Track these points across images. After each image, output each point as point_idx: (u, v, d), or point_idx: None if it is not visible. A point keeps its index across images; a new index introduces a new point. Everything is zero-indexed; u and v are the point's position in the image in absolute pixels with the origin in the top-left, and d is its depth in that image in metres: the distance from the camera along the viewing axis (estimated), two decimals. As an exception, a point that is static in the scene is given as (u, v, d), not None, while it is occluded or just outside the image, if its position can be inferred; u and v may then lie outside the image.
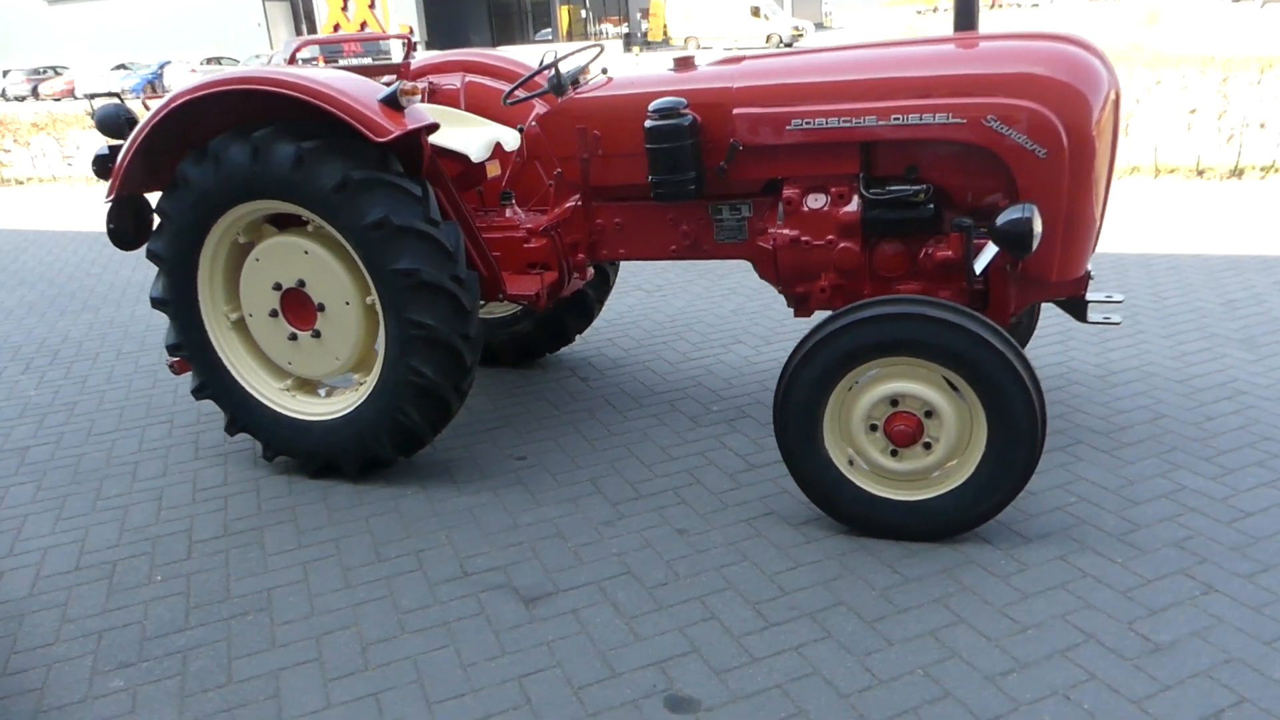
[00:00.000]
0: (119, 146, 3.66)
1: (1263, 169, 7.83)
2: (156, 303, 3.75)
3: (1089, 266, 3.33)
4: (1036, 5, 44.16)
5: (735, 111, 3.31)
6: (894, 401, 2.93)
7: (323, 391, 3.89)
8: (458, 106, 4.31)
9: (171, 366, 3.91)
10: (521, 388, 4.59)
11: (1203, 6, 27.65)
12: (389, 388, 3.49)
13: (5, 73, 39.53)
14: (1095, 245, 3.31)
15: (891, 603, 2.74)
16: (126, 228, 3.79)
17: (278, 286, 3.59)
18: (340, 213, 3.31)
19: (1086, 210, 3.09)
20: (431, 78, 4.46)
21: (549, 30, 40.96)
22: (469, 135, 3.90)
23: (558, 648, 2.65)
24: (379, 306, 3.42)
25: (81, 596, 3.06)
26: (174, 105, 3.42)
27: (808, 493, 3.11)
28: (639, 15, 42.12)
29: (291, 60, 4.05)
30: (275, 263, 3.57)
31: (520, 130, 3.96)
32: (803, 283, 3.44)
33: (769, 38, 37.52)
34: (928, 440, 2.94)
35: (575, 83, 3.80)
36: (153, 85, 34.45)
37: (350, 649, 2.71)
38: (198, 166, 3.45)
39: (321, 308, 3.56)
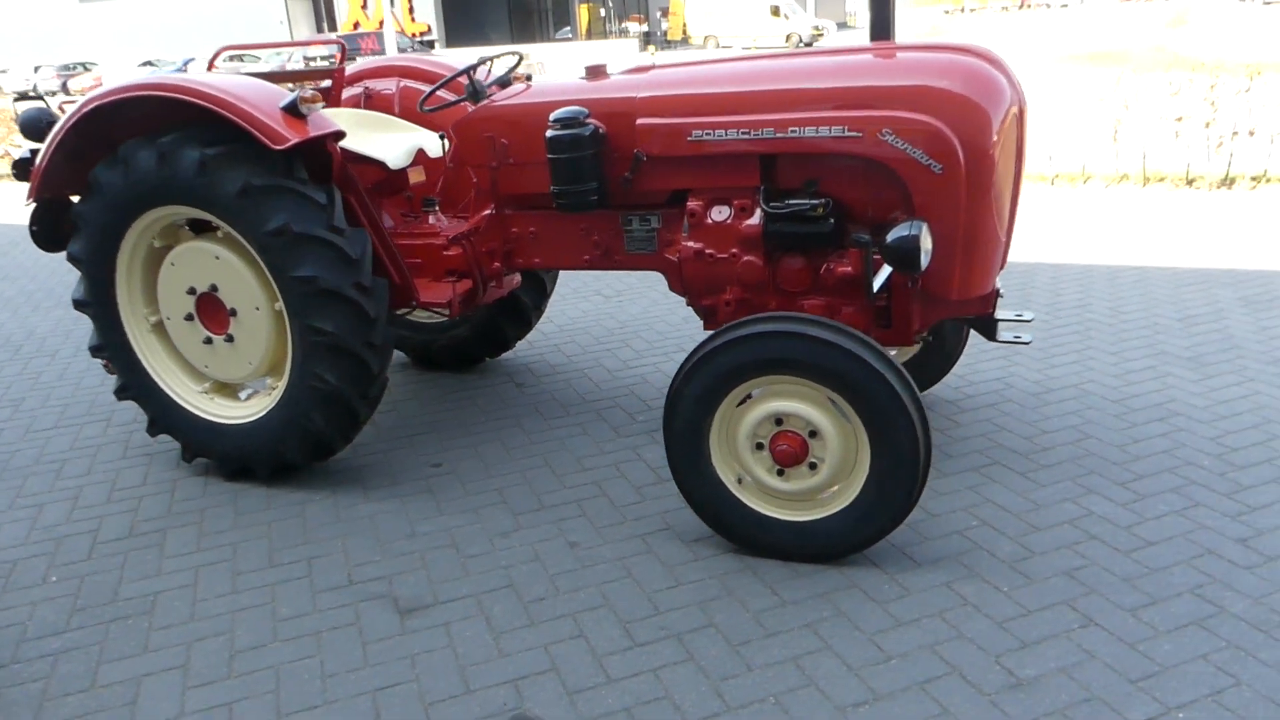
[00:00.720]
0: (39, 150, 3.69)
1: (1254, 179, 7.66)
2: (78, 304, 3.78)
3: (997, 284, 3.26)
4: (1066, 5, 43.58)
5: (638, 122, 3.27)
6: (779, 420, 2.89)
7: (244, 395, 3.90)
8: (392, 112, 4.30)
9: (105, 366, 3.94)
10: (455, 392, 4.58)
11: (1232, 9, 27.12)
12: (296, 394, 3.49)
13: (36, 68, 40.14)
14: (1003, 263, 3.24)
15: (762, 626, 2.70)
16: (48, 230, 3.81)
17: (192, 291, 3.60)
18: (243, 219, 3.32)
19: (987, 227, 3.03)
20: (368, 83, 4.46)
21: (568, 29, 40.99)
22: (390, 141, 3.90)
23: (420, 661, 2.64)
24: (285, 312, 3.43)
25: (-26, 596, 3.08)
26: (85, 110, 3.45)
27: (697, 510, 3.07)
28: (659, 14, 42.04)
29: (210, 66, 4.06)
30: (189, 267, 3.59)
31: (442, 137, 3.94)
32: (708, 295, 3.39)
33: (789, 37, 37.29)
34: (813, 460, 2.89)
35: (506, 85, 3.79)
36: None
37: (218, 656, 2.71)
38: (109, 171, 3.46)
39: (234, 312, 3.57)
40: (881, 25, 3.29)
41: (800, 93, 3.10)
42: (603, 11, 41.25)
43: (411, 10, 36.37)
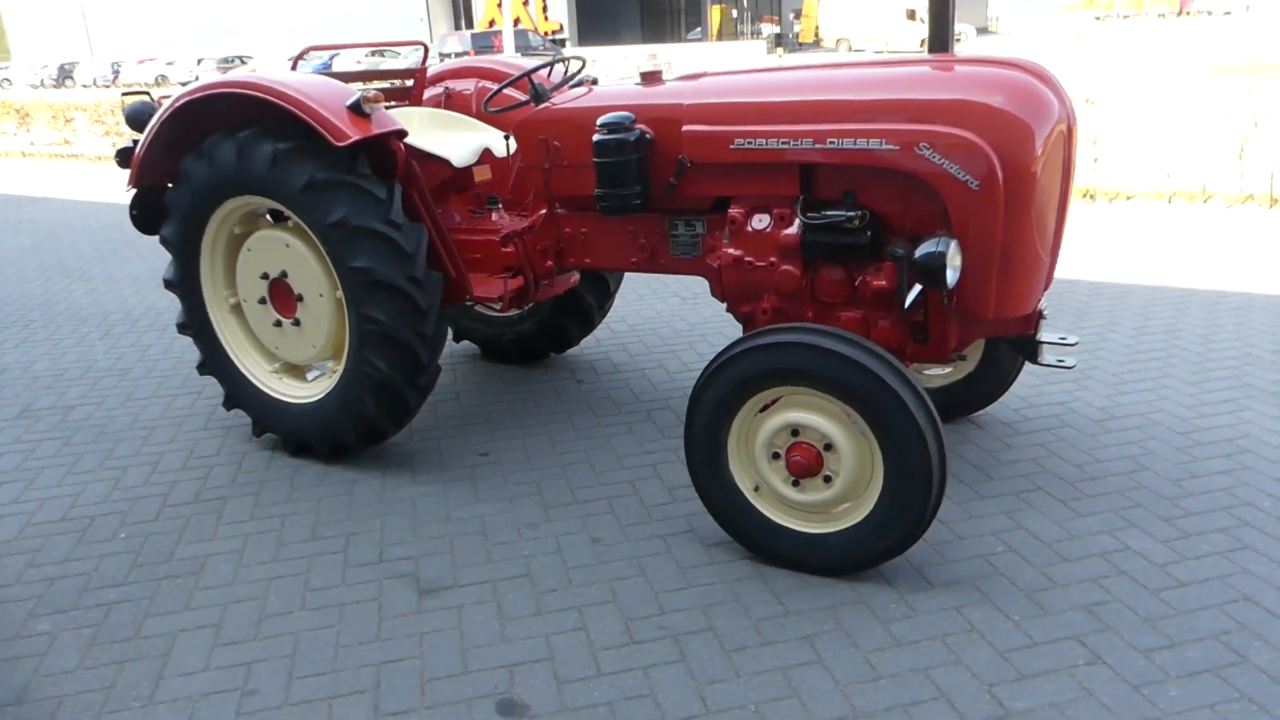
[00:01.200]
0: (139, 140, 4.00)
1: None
2: (168, 284, 4.09)
3: (1042, 305, 3.16)
4: (1229, 14, 41.04)
5: (684, 128, 3.32)
6: (795, 431, 2.89)
7: (311, 376, 4.13)
8: (469, 112, 4.47)
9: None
10: (517, 385, 4.72)
11: None
12: (350, 378, 3.69)
13: (200, 60, 43.02)
14: (1047, 283, 3.14)
15: (760, 634, 2.71)
16: (146, 214, 4.13)
17: (265, 276, 3.85)
18: (309, 210, 3.53)
19: (1026, 247, 2.94)
20: (449, 83, 4.65)
21: (700, 30, 41.06)
22: (458, 140, 4.06)
23: (428, 639, 2.77)
24: (344, 300, 3.63)
25: (53, 545, 3.39)
26: (178, 105, 3.73)
27: (714, 515, 3.10)
28: (792, 16, 41.64)
29: (295, 65, 4.30)
30: (263, 254, 3.83)
31: (507, 137, 4.07)
32: (747, 303, 3.41)
33: (923, 41, 36.32)
34: (828, 474, 2.88)
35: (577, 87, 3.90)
36: (324, 73, 36.57)
37: (249, 619, 2.91)
38: (196, 162, 3.74)
39: (300, 298, 3.79)
40: (940, 39, 3.22)
41: (840, 104, 3.08)
42: (735, 12, 41.15)
43: (545, 9, 37.22)
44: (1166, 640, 2.60)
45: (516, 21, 36.50)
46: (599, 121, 3.35)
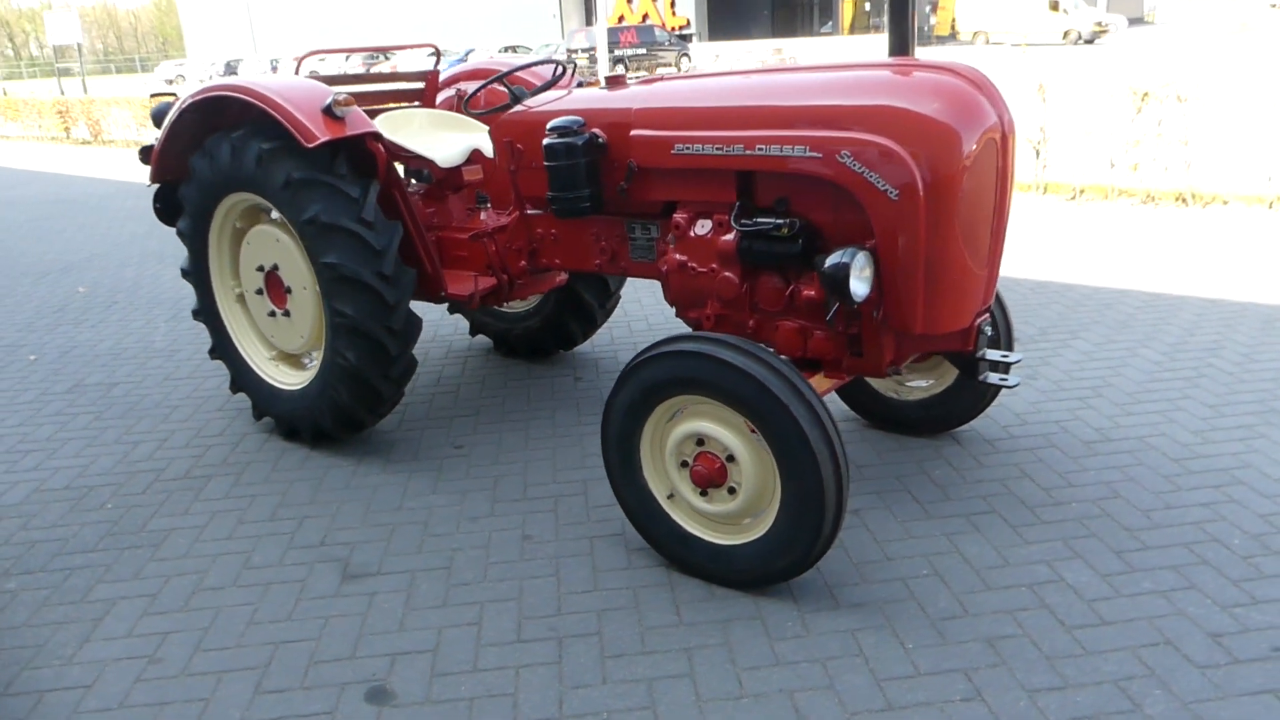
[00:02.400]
0: (165, 139, 4.29)
1: None
2: (183, 273, 4.37)
3: (979, 322, 3.01)
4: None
5: (631, 133, 3.32)
6: (700, 441, 2.86)
7: (309, 364, 4.34)
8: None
9: None
10: (518, 379, 4.82)
11: None
12: (326, 369, 3.86)
13: (346, 58, 45.18)
14: (986, 298, 2.99)
15: (643, 643, 2.70)
16: (168, 207, 4.43)
17: (260, 268, 4.07)
18: (288, 207, 3.71)
19: (952, 259, 2.81)
20: (462, 84, 4.77)
21: (830, 24, 40.24)
22: (448, 141, 4.17)
23: (332, 623, 2.88)
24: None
25: (48, 511, 3.70)
26: (184, 106, 3.98)
27: (630, 520, 3.10)
28: (928, 9, 40.26)
29: (297, 68, 4.49)
30: (260, 247, 4.05)
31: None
32: (692, 309, 3.38)
33: (1066, 34, 34.46)
34: (732, 485, 2.84)
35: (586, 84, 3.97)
36: (460, 70, 37.79)
37: (183, 591, 3.09)
38: (200, 160, 3.98)
39: (289, 290, 3.99)
40: (901, 43, 3.08)
41: (768, 110, 3.01)
42: (868, 5, 40.14)
43: (673, 4, 37.31)
44: (1060, 681, 2.44)
45: (645, 17, 36.79)
46: (548, 125, 3.39)
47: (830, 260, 2.72)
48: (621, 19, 36.64)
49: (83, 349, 5.78)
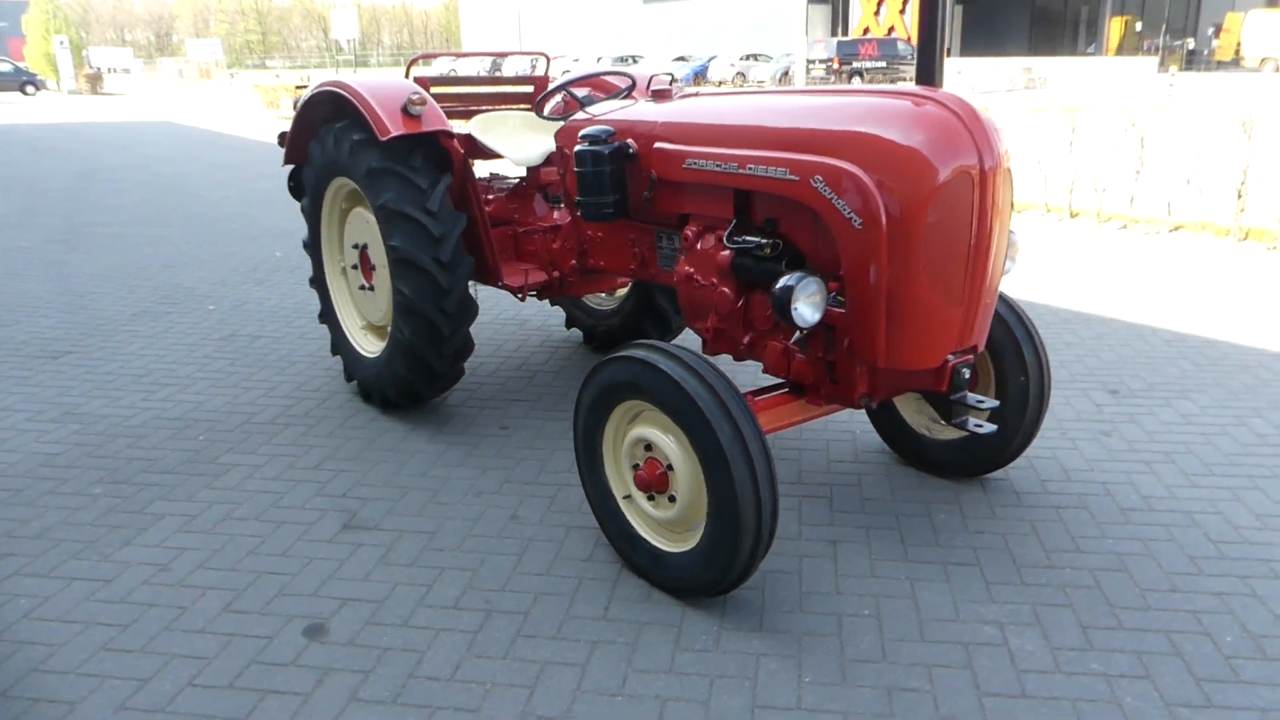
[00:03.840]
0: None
1: None
2: (305, 245, 4.93)
3: (955, 363, 2.88)
4: None
5: (654, 145, 3.43)
6: (648, 446, 2.94)
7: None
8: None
9: None
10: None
11: None
12: (390, 342, 4.25)
13: (598, 59, 47.21)
14: (966, 339, 2.86)
15: (559, 630, 2.82)
16: (299, 186, 4.99)
17: (356, 246, 4.53)
18: (369, 192, 4.12)
19: (916, 295, 2.72)
20: (572, 89, 5.03)
21: (1095, 44, 37.32)
22: (530, 143, 4.46)
23: (314, 563, 3.21)
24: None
25: (154, 436, 4.31)
26: (306, 99, 4.50)
27: (593, 511, 3.22)
28: (1210, 31, 36.34)
29: (407, 73, 4.89)
30: (357, 227, 4.51)
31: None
32: (697, 320, 3.45)
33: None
34: (673, 493, 2.90)
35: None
36: (699, 76, 38.63)
37: (216, 516, 3.55)
38: (315, 146, 4.49)
39: (374, 268, 4.42)
40: (926, 73, 2.98)
41: (757, 130, 3.04)
42: (1139, 26, 36.87)
43: (922, 17, 36.05)
44: (937, 742, 2.34)
45: (890, 30, 35.85)
46: (580, 134, 3.57)
47: (780, 283, 2.73)
48: (867, 31, 35.94)
49: (252, 305, 6.59)
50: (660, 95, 3.74)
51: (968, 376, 2.93)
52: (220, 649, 2.76)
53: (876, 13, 36.53)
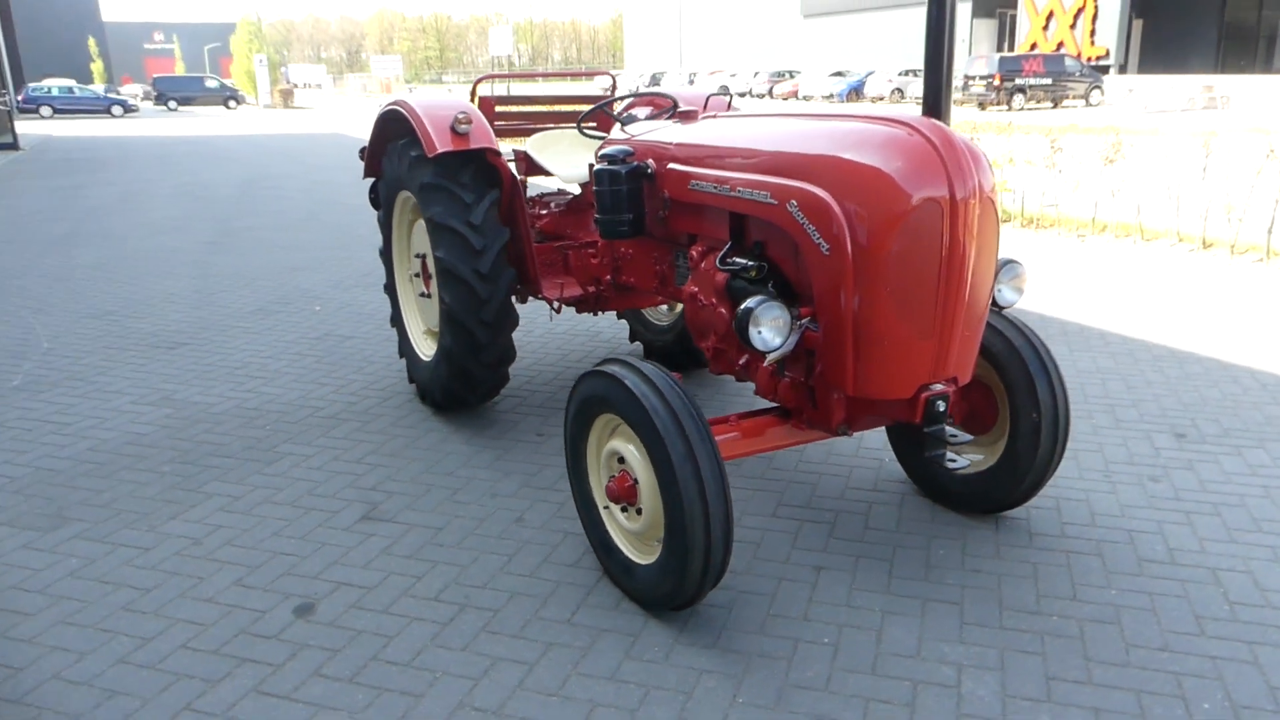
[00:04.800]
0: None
1: None
2: (380, 253, 5.26)
3: (929, 395, 2.81)
4: None
5: (668, 166, 3.52)
6: (621, 459, 3.02)
7: (451, 342, 5.01)
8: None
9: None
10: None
11: None
12: (438, 347, 4.50)
13: (755, 74, 47.28)
14: (935, 372, 2.79)
15: (521, 630, 2.93)
16: (377, 198, 5.34)
17: (418, 255, 4.82)
18: (422, 206, 4.38)
19: (882, 324, 2.70)
20: (634, 110, 5.17)
21: (1291, 60, 34.31)
22: (582, 160, 4.62)
23: (324, 548, 3.46)
24: (438, 281, 4.44)
25: (229, 423, 4.72)
26: (378, 118, 4.82)
27: (580, 517, 3.32)
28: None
29: (472, 93, 5.13)
30: (419, 237, 4.79)
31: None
32: (701, 338, 3.51)
33: None
34: (640, 506, 2.97)
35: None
36: (855, 92, 38.01)
37: (256, 499, 3.87)
38: (386, 161, 4.81)
39: (430, 277, 4.69)
40: (933, 104, 2.91)
41: (747, 154, 3.07)
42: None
43: (1093, 32, 34.21)
44: (847, 774, 2.31)
45: (1060, 45, 34.18)
46: (599, 153, 3.69)
47: (741, 306, 2.76)
48: (1034, 46, 34.40)
49: (355, 308, 7.05)
50: (686, 117, 3.82)
51: (943, 409, 2.86)
52: (219, 618, 3.03)
53: (1045, 27, 34.92)
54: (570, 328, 6.35)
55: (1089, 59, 33.31)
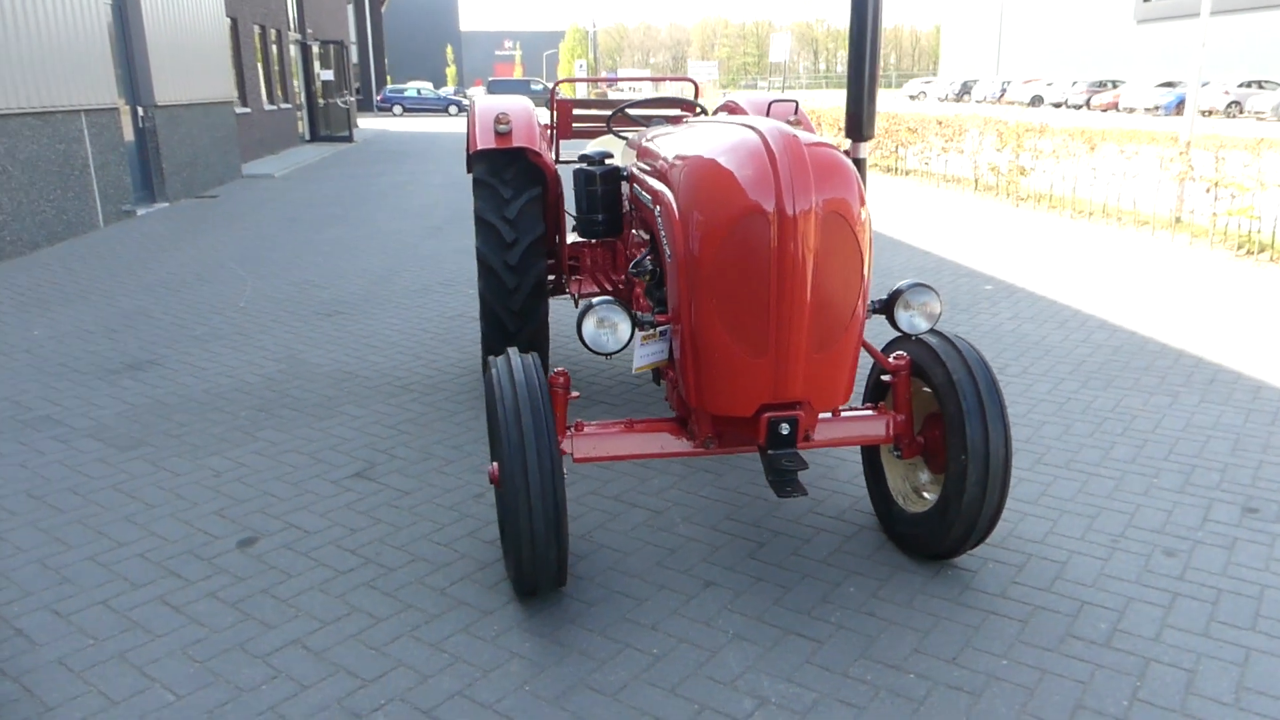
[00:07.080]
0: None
1: None
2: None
3: (772, 417, 2.66)
4: None
5: (634, 168, 3.57)
6: (504, 445, 3.14)
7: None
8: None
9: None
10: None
11: None
12: (481, 331, 4.82)
13: (1074, 83, 43.46)
14: (776, 393, 2.64)
15: (391, 595, 3.17)
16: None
17: (492, 244, 5.16)
18: (474, 199, 4.71)
19: (712, 338, 2.63)
20: (717, 115, 5.19)
21: None
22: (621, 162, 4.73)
23: (303, 496, 3.88)
24: (482, 270, 4.75)
25: (312, 385, 5.36)
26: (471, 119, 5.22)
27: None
28: None
29: (551, 95, 5.30)
30: (493, 228, 5.14)
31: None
32: (645, 338, 3.52)
33: None
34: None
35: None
36: (1179, 106, 33.84)
37: (291, 447, 4.40)
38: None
39: (496, 265, 5.02)
40: (855, 126, 2.69)
41: (658, 158, 3.07)
42: None
43: None
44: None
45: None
46: (579, 154, 3.80)
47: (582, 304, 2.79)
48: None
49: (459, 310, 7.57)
50: (678, 121, 3.83)
51: (787, 433, 2.69)
52: (181, 536, 3.54)
53: None
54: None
55: None
